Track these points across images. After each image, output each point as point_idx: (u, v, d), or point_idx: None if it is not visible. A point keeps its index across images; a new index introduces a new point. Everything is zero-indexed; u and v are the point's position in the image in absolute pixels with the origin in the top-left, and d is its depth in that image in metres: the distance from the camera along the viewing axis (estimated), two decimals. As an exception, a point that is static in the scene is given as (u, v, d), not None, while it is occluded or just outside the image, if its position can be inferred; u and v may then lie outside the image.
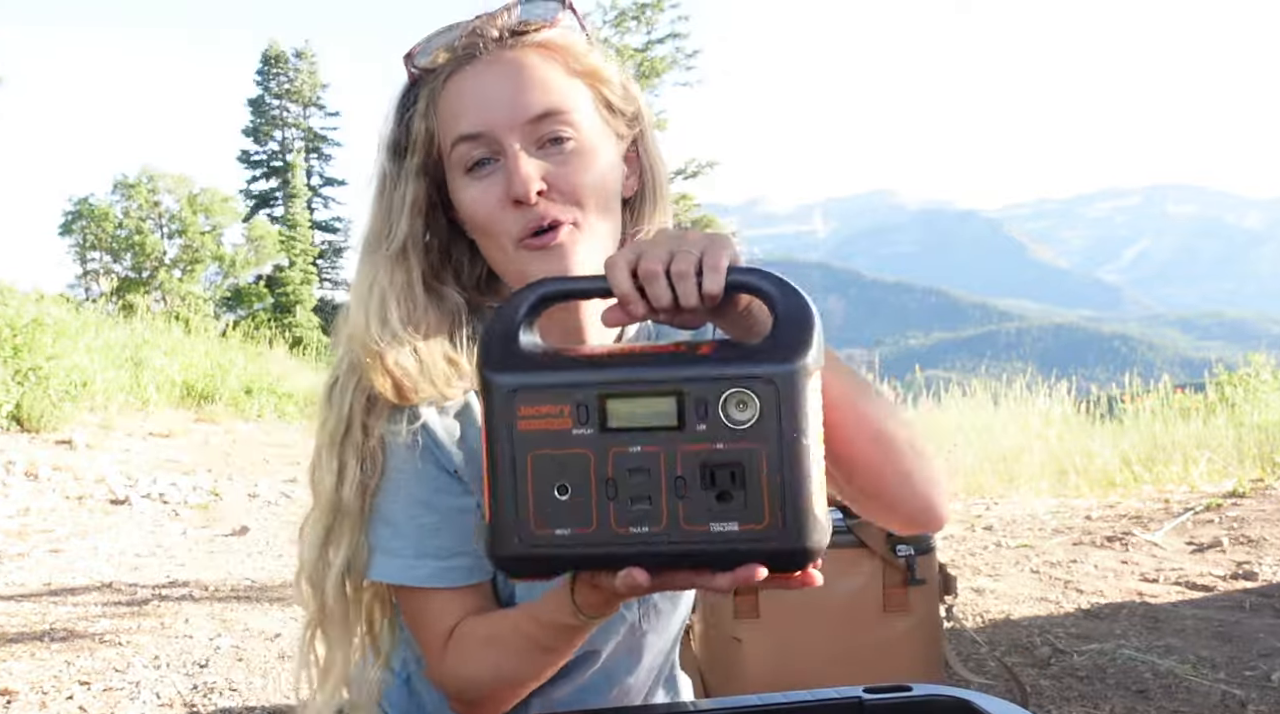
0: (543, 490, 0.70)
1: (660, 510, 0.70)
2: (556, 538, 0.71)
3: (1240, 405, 7.74)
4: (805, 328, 0.72)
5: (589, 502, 0.70)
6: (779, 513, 0.70)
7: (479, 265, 1.04)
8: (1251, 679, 2.85)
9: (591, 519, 0.70)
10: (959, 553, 4.63)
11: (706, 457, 0.69)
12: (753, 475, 0.69)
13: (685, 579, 0.73)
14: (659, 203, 1.06)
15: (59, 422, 7.53)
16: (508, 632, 0.95)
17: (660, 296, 0.75)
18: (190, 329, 13.46)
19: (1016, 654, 3.16)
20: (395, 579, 0.99)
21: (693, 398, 0.69)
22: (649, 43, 28.40)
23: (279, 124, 34.99)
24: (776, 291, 0.74)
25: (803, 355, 0.70)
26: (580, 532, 0.70)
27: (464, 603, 0.99)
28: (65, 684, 3.04)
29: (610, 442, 0.70)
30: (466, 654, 0.97)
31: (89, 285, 28.11)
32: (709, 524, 0.70)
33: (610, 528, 0.70)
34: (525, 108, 0.93)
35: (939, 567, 2.17)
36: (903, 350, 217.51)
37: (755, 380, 0.69)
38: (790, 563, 0.72)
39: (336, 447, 0.97)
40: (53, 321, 8.54)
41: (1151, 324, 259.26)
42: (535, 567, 0.74)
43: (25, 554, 4.76)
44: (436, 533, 0.98)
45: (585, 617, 0.85)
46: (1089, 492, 6.25)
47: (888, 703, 0.92)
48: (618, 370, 0.71)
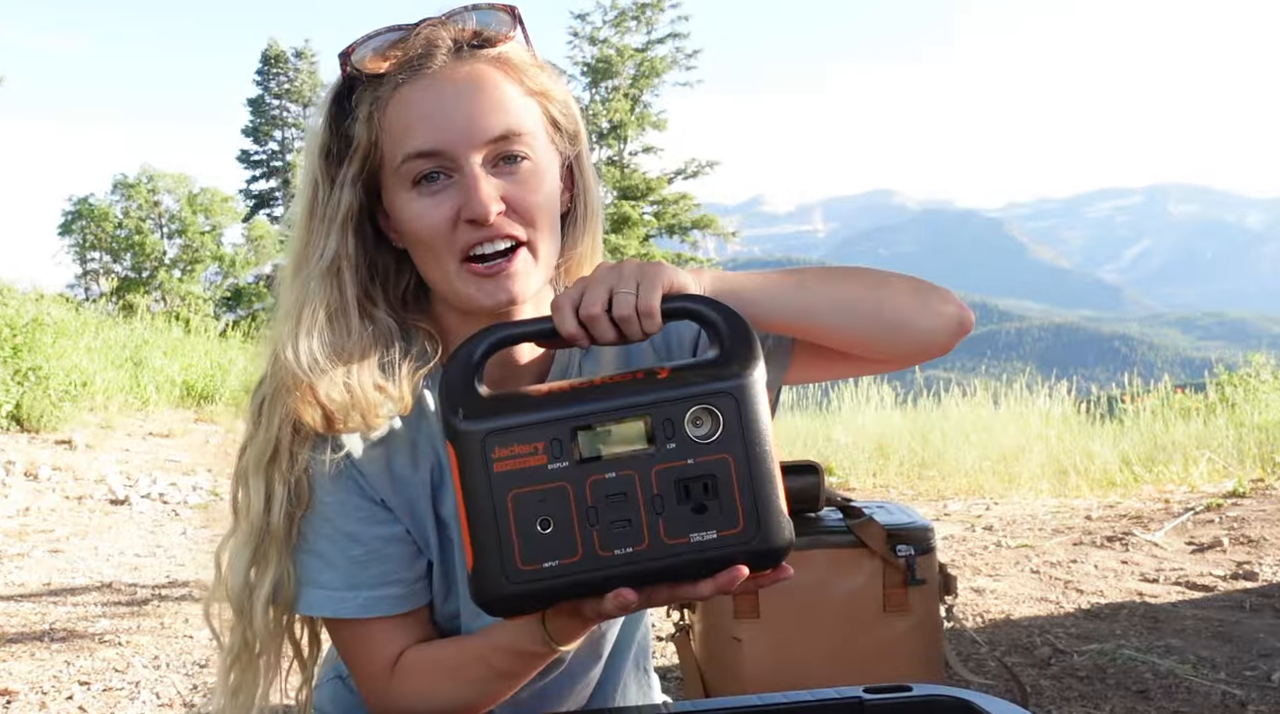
0: (525, 527, 0.73)
1: (641, 529, 0.73)
2: (544, 571, 0.73)
3: (1240, 405, 7.74)
4: (750, 344, 0.78)
5: (572, 531, 0.73)
6: (753, 516, 0.74)
7: (405, 278, 1.01)
8: (1251, 679, 2.85)
9: (577, 548, 0.73)
10: (959, 553, 4.63)
11: (679, 473, 0.73)
12: (724, 484, 0.74)
13: (669, 592, 0.75)
14: (590, 221, 1.06)
15: (59, 422, 7.53)
16: (467, 660, 0.94)
17: (604, 335, 0.81)
18: (190, 329, 13.45)
19: (1016, 654, 3.16)
20: (328, 612, 0.97)
21: (659, 419, 0.73)
22: (649, 43, 28.39)
23: (279, 124, 34.99)
24: (715, 315, 0.80)
25: (753, 368, 0.76)
26: (566, 562, 0.73)
27: (403, 631, 0.98)
28: (65, 684, 3.04)
29: (587, 471, 0.73)
30: (419, 684, 0.96)
31: (89, 285, 28.14)
32: (689, 535, 0.73)
33: (595, 554, 0.73)
34: (486, 129, 0.91)
35: (939, 567, 2.16)
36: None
37: (716, 396, 0.74)
38: (768, 560, 0.75)
39: (263, 469, 0.95)
40: (53, 321, 8.54)
41: (1151, 324, 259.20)
42: (525, 604, 0.75)
43: (25, 554, 4.76)
44: (366, 564, 0.97)
45: (557, 644, 0.86)
46: (1089, 492, 6.25)
47: (888, 703, 0.92)
48: (584, 404, 0.74)
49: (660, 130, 28.13)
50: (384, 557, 0.98)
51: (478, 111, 0.91)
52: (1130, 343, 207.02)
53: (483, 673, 0.93)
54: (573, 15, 28.35)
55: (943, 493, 6.63)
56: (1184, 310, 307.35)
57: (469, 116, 0.91)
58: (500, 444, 0.73)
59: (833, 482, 5.70)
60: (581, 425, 0.73)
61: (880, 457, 7.45)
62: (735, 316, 0.80)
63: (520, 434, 0.73)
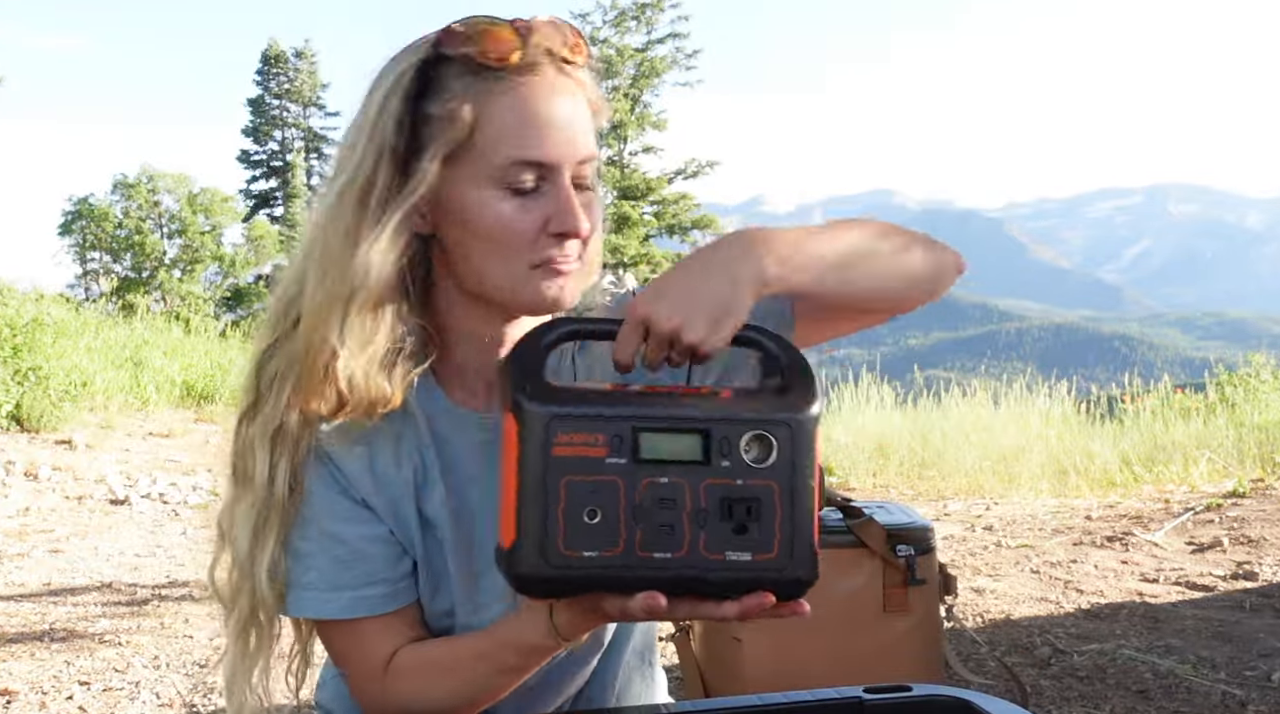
0: (573, 513, 0.74)
1: (683, 538, 0.75)
2: (583, 559, 0.74)
3: (1240, 405, 7.73)
4: (810, 380, 0.82)
5: (618, 526, 0.74)
6: (788, 546, 0.77)
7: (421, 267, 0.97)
8: (1251, 679, 2.85)
9: (619, 542, 0.75)
10: (959, 553, 4.63)
11: (727, 491, 0.76)
12: (767, 510, 0.76)
13: (691, 607, 0.77)
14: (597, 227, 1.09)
15: (59, 422, 7.53)
16: (465, 657, 0.94)
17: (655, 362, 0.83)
18: (190, 329, 13.46)
19: (1016, 654, 3.16)
20: (311, 613, 0.98)
21: (718, 437, 0.76)
22: (649, 43, 28.37)
23: (279, 124, 35.00)
24: (777, 349, 0.85)
25: (813, 404, 0.79)
26: (606, 554, 0.74)
27: (392, 630, 0.98)
28: (65, 684, 3.04)
29: (642, 472, 0.75)
30: (415, 682, 0.96)
31: (89, 285, 28.12)
32: (725, 553, 0.76)
33: (635, 552, 0.75)
34: (580, 149, 0.93)
35: (939, 567, 2.16)
36: (902, 350, 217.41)
37: (775, 424, 0.77)
38: (793, 591, 0.78)
39: (268, 440, 0.94)
40: (53, 321, 8.54)
41: (1151, 324, 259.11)
42: (556, 587, 0.77)
43: (25, 554, 4.76)
44: (350, 564, 0.97)
45: (562, 640, 0.86)
46: (1089, 492, 6.24)
47: (888, 703, 0.92)
48: (650, 408, 0.77)
49: (660, 130, 28.11)
50: (367, 556, 0.98)
51: (577, 131, 0.93)
52: (1130, 343, 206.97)
53: (483, 669, 0.93)
54: (573, 15, 28.34)
55: (943, 493, 6.63)
56: (1184, 310, 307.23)
57: (572, 135, 0.92)
58: (564, 430, 0.74)
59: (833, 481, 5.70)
60: (645, 427, 0.75)
61: (880, 457, 7.44)
62: (799, 354, 0.84)
63: (586, 424, 0.75)
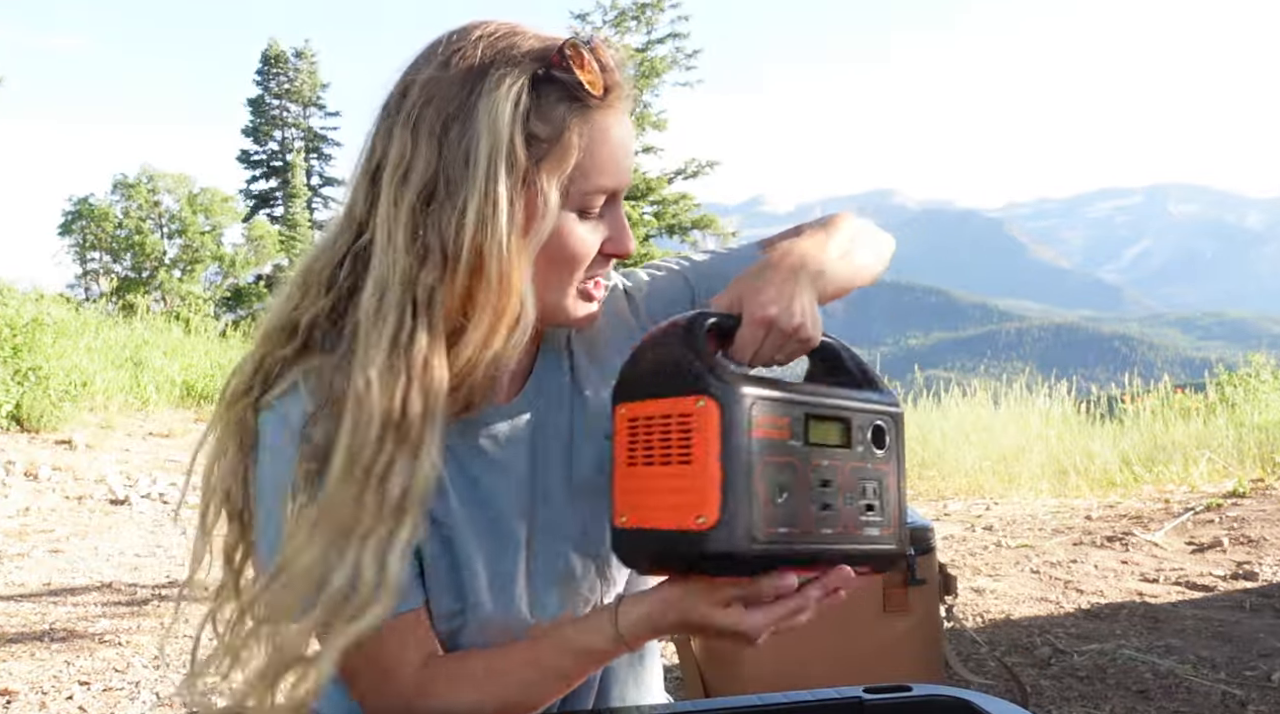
0: (772, 493, 0.78)
1: (839, 515, 0.82)
2: (777, 535, 0.78)
3: (1240, 405, 7.73)
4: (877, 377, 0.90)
5: (801, 505, 0.79)
6: (897, 524, 0.85)
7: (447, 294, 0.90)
8: (1251, 679, 2.85)
9: (799, 521, 0.79)
10: (959, 553, 4.63)
11: (863, 472, 0.84)
12: (887, 491, 0.85)
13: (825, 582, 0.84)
14: None
15: (59, 422, 7.53)
16: (516, 663, 0.92)
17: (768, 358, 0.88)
18: (190, 329, 13.46)
19: (1016, 654, 3.16)
20: None
21: (858, 424, 0.84)
22: (649, 43, 28.39)
23: (279, 124, 34.98)
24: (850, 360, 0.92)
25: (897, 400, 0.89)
26: (790, 532, 0.79)
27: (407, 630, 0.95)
28: (65, 684, 3.04)
29: (812, 454, 0.81)
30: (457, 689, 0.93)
31: (89, 285, 28.11)
32: (863, 529, 0.83)
33: (811, 530, 0.80)
34: (630, 174, 0.98)
35: (939, 567, 2.17)
36: (903, 350, 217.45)
37: (889, 416, 0.86)
38: (896, 563, 0.88)
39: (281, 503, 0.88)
40: (53, 321, 8.53)
41: (1151, 324, 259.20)
42: (747, 565, 0.79)
43: (25, 554, 4.76)
44: None
45: (625, 645, 0.87)
46: (1089, 492, 6.25)
47: (888, 703, 0.92)
48: (815, 396, 0.83)
49: (660, 130, 28.10)
50: None
51: (632, 156, 0.97)
52: (1130, 343, 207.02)
53: (532, 675, 0.91)
54: (573, 15, 28.34)
55: (943, 493, 6.63)
56: (1184, 310, 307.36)
57: (630, 159, 0.96)
58: (761, 412, 0.78)
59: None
60: (814, 414, 0.81)
61: (880, 457, 7.44)
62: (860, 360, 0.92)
63: (777, 407, 0.79)
